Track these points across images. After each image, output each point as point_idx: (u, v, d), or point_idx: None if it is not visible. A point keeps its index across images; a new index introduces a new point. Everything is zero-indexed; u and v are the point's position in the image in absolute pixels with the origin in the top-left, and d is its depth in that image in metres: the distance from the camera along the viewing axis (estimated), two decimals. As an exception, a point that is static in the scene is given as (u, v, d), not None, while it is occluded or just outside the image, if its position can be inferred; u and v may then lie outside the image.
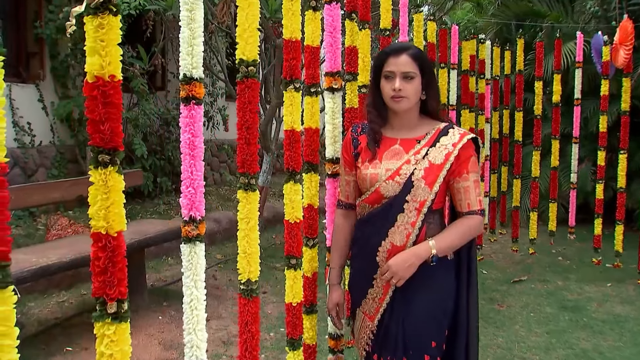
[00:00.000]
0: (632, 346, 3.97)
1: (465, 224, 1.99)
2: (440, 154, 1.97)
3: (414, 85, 1.98)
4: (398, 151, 2.02)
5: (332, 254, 2.25)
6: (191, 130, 1.48)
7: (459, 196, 2.00)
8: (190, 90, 1.48)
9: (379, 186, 1.99)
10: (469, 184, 1.99)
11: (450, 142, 1.99)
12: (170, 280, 5.29)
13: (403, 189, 1.96)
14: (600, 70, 5.32)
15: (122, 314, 1.31)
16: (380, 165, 2.01)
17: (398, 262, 1.92)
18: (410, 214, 1.96)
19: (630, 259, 5.53)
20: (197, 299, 1.54)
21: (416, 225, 1.96)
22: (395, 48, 2.04)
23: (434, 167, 1.96)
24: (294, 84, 2.16)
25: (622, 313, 4.61)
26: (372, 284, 2.04)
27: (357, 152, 2.10)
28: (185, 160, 1.49)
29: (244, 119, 1.77)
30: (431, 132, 2.03)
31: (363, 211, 2.09)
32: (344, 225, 2.20)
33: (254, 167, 1.80)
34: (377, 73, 2.05)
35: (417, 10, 3.91)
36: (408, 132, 2.05)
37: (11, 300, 1.01)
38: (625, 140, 5.11)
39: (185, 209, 1.51)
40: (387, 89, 1.99)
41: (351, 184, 2.15)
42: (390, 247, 1.98)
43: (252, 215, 1.80)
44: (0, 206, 0.98)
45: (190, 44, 1.46)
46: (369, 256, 2.03)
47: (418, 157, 1.98)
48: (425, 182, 1.95)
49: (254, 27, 1.77)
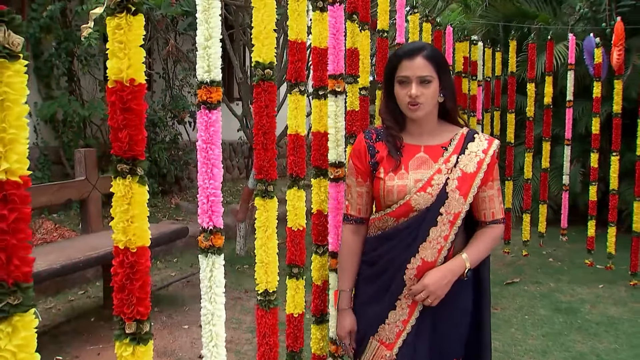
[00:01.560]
0: (629, 348, 3.97)
1: (491, 235, 1.90)
2: (471, 161, 1.85)
3: (432, 89, 1.83)
4: (425, 159, 1.87)
5: (342, 275, 2.03)
6: (208, 136, 1.41)
7: (483, 205, 1.90)
8: (206, 94, 1.41)
9: (410, 199, 1.82)
10: (494, 192, 1.90)
11: (479, 148, 1.87)
12: (160, 284, 5.19)
13: (436, 200, 1.81)
14: (592, 72, 5.34)
15: (142, 335, 1.23)
16: (407, 176, 1.85)
17: (436, 280, 1.79)
18: (444, 227, 1.82)
19: (621, 260, 5.56)
20: (214, 314, 1.47)
21: (449, 239, 1.83)
22: (408, 50, 1.87)
23: (467, 176, 1.83)
24: (298, 86, 2.10)
25: (616, 315, 4.62)
26: (394, 306, 1.87)
27: (375, 161, 1.92)
28: (201, 168, 1.42)
29: (260, 124, 1.71)
30: (455, 137, 1.90)
31: (385, 226, 1.90)
32: (354, 243, 2.00)
33: (272, 173, 1.74)
34: (390, 78, 1.90)
35: (413, 11, 3.86)
36: (430, 138, 1.91)
37: (32, 324, 0.93)
38: (617, 142, 5.13)
39: (201, 219, 1.44)
40: (402, 96, 1.84)
41: (364, 197, 1.97)
42: (421, 264, 1.83)
43: (270, 224, 1.75)
44: (22, 223, 0.90)
45: (206, 46, 1.39)
46: (393, 275, 1.87)
47: (449, 166, 1.84)
48: (460, 192, 1.81)
49: (270, 28, 1.71)
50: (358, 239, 2.00)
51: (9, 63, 0.84)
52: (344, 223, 2.03)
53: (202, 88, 1.39)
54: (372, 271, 1.94)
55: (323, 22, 2.27)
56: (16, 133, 0.87)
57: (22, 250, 0.90)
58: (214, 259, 1.47)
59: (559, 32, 6.74)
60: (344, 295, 2.00)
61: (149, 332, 1.23)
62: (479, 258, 1.86)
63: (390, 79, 1.90)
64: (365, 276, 1.97)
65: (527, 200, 5.67)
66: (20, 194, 0.87)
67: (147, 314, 1.26)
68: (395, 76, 1.86)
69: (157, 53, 8.40)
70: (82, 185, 4.34)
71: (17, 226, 0.87)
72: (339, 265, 2.06)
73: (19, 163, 0.87)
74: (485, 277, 2.00)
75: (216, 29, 1.38)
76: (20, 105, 0.86)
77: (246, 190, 6.17)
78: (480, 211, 1.90)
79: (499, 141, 1.98)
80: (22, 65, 0.86)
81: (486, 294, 2.00)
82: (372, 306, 1.92)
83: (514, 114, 5.78)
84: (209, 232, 1.42)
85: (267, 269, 1.77)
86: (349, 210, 2.01)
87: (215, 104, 1.40)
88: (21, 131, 0.88)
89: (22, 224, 0.89)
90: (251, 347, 3.84)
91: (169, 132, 8.51)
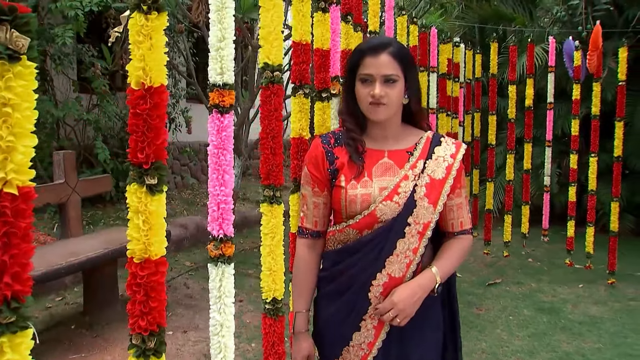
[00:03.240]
0: (612, 347, 4.02)
1: (460, 246, 1.75)
2: (439, 167, 1.70)
3: (397, 90, 1.66)
4: (389, 166, 1.70)
5: (296, 295, 1.81)
6: (219, 141, 1.36)
7: (451, 214, 1.74)
8: (218, 98, 1.35)
9: (375, 208, 1.65)
10: (462, 200, 1.75)
11: (447, 153, 1.73)
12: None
13: (404, 210, 1.65)
14: (572, 74, 5.41)
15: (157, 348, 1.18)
16: (371, 184, 1.68)
17: (405, 297, 1.61)
18: (412, 239, 1.65)
19: (597, 259, 5.65)
20: (222, 325, 1.42)
21: (418, 252, 1.66)
22: (373, 45, 1.67)
23: (436, 182, 1.68)
24: (303, 89, 2.06)
25: (597, 314, 4.68)
26: (359, 327, 1.69)
27: (334, 168, 1.72)
28: (212, 175, 1.37)
29: (269, 128, 1.66)
30: (421, 142, 1.75)
31: (346, 239, 1.71)
32: (310, 259, 1.79)
33: (280, 178, 1.70)
34: (352, 75, 1.72)
35: (401, 13, 3.85)
36: (394, 142, 1.75)
37: (27, 347, 0.85)
38: (595, 143, 5.21)
39: (211, 228, 1.39)
40: (364, 95, 1.66)
41: (321, 208, 1.77)
42: (388, 280, 1.65)
43: (277, 230, 1.71)
44: (23, 239, 0.84)
45: (218, 48, 1.34)
46: (357, 293, 1.68)
47: (416, 172, 1.68)
48: (429, 200, 1.66)
49: (279, 29, 1.67)
50: (314, 254, 1.80)
51: (10, 65, 0.78)
52: (299, 237, 1.83)
53: (215, 91, 1.33)
54: (332, 288, 1.75)
55: (325, 23, 2.23)
56: (14, 141, 0.81)
57: (16, 267, 0.84)
58: (224, 268, 1.42)
59: (535, 35, 6.82)
60: (300, 317, 1.78)
61: (163, 343, 1.19)
62: (449, 271, 1.72)
63: (352, 76, 1.72)
64: (325, 293, 1.78)
65: (509, 202, 5.72)
66: (14, 207, 0.81)
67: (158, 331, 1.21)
68: (358, 74, 1.69)
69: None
70: (61, 188, 4.20)
71: (10, 241, 0.81)
72: (293, 284, 1.84)
73: (17, 173, 0.81)
74: (454, 294, 1.86)
75: (230, 29, 1.33)
76: (24, 110, 0.80)
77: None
78: (448, 221, 1.75)
79: (467, 145, 1.85)
80: (27, 67, 0.80)
81: (457, 313, 1.86)
82: (335, 327, 1.74)
83: (495, 115, 5.82)
84: (219, 240, 1.37)
85: (275, 276, 1.73)
86: (303, 223, 1.80)
87: (228, 108, 1.35)
88: (21, 139, 0.82)
89: (14, 239, 0.83)
90: (238, 353, 3.77)
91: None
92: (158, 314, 1.17)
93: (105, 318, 4.14)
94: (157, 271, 1.16)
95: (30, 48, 0.76)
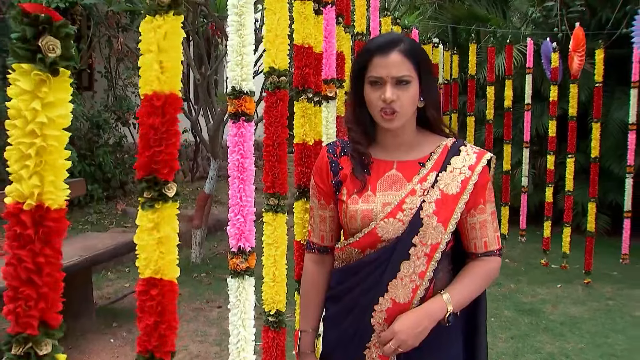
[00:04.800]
0: (594, 348, 4.05)
1: (483, 271, 1.55)
2: (454, 180, 1.50)
3: (410, 92, 1.47)
4: (397, 178, 1.53)
5: (303, 313, 1.69)
6: (240, 150, 1.27)
7: (473, 233, 1.54)
8: (239, 106, 1.27)
9: (376, 226, 1.48)
10: (486, 217, 1.54)
11: (465, 164, 1.52)
12: (114, 297, 4.91)
13: (408, 229, 1.47)
14: (549, 76, 5.45)
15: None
16: (374, 198, 1.51)
17: (407, 327, 1.44)
18: (419, 261, 1.47)
19: (572, 259, 5.71)
20: (245, 339, 1.34)
21: (425, 277, 1.48)
22: (381, 44, 1.49)
23: (448, 198, 1.48)
24: (306, 93, 1.99)
25: (577, 314, 4.72)
26: (362, 356, 1.53)
27: (338, 180, 1.58)
28: (236, 185, 1.28)
29: (275, 134, 1.58)
30: (437, 150, 1.55)
31: (349, 258, 1.56)
32: (318, 275, 1.66)
33: (285, 187, 1.62)
34: (359, 78, 1.54)
35: (385, 13, 3.81)
36: (406, 152, 1.56)
37: None
38: (572, 144, 5.26)
39: (233, 239, 1.31)
40: (375, 100, 1.48)
41: (327, 222, 1.63)
42: (392, 305, 1.47)
43: (281, 240, 1.62)
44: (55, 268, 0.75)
45: (240, 52, 1.25)
46: (358, 318, 1.52)
47: (426, 186, 1.49)
48: (438, 218, 1.46)
49: (285, 33, 1.58)
50: (322, 270, 1.66)
51: (48, 76, 0.69)
52: (306, 251, 1.71)
53: (238, 98, 1.24)
54: (336, 310, 1.60)
55: (319, 25, 2.16)
56: (50, 158, 0.73)
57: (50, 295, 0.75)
58: (246, 281, 1.34)
59: (506, 35, 6.87)
60: (305, 336, 1.66)
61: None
62: (465, 300, 1.51)
63: (360, 79, 1.54)
64: (330, 314, 1.63)
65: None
66: (47, 229, 0.72)
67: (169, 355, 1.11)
68: (366, 76, 1.51)
69: (98, 52, 8.00)
70: None
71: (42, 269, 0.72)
72: (300, 301, 1.72)
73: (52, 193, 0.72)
74: (481, 324, 1.63)
75: (251, 35, 1.24)
76: (59, 128, 0.71)
77: (202, 195, 5.96)
78: (470, 240, 1.55)
79: (493, 154, 1.60)
80: (64, 79, 0.70)
81: (482, 349, 1.63)
82: (340, 352, 1.58)
83: (473, 116, 5.83)
84: (247, 253, 1.28)
85: (278, 288, 1.65)
86: (310, 237, 1.68)
87: (251, 116, 1.26)
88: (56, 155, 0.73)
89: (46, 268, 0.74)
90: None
91: (113, 135, 8.14)
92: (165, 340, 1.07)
93: (80, 329, 3.99)
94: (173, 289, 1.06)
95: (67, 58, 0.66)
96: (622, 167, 6.17)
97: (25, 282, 0.72)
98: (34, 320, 0.74)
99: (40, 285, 0.74)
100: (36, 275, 0.73)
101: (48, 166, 0.73)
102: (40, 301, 0.74)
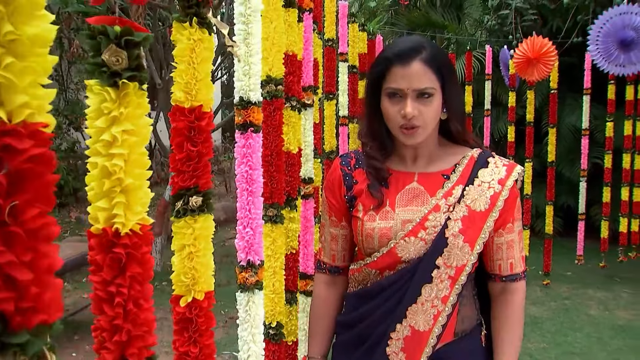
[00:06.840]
0: (556, 346, 4.18)
1: (514, 309, 1.45)
2: (482, 195, 1.36)
3: (433, 105, 1.32)
4: (418, 192, 1.39)
5: (311, 338, 1.56)
6: (249, 162, 1.26)
7: (499, 254, 1.40)
8: (247, 116, 1.25)
9: (395, 245, 1.35)
10: (514, 236, 1.40)
11: (494, 177, 1.38)
12: (72, 309, 4.76)
13: (432, 249, 1.33)
14: (507, 82, 5.61)
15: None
16: (393, 215, 1.37)
17: None
18: (442, 284, 1.33)
19: (530, 261, 5.87)
20: (255, 354, 1.32)
21: (449, 302, 1.34)
22: (401, 51, 1.34)
23: (476, 215, 1.34)
24: (290, 101, 1.99)
25: (537, 314, 4.86)
26: None
27: (352, 195, 1.44)
28: (242, 196, 1.27)
29: (273, 144, 1.57)
30: (462, 162, 1.40)
31: (366, 280, 1.43)
32: (328, 298, 1.53)
33: (282, 197, 1.62)
34: (375, 89, 1.39)
35: (353, 20, 3.85)
36: (428, 163, 1.42)
37: None
38: (529, 149, 5.42)
39: (242, 253, 1.29)
40: (393, 114, 1.34)
41: (339, 241, 1.50)
42: (410, 334, 1.34)
43: (280, 251, 1.62)
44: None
45: (247, 62, 1.24)
46: (373, 347, 1.38)
47: (451, 201, 1.36)
48: (465, 238, 1.33)
49: (282, 41, 1.59)
50: (333, 293, 1.53)
51: (129, 90, 0.67)
52: (316, 272, 1.58)
53: (246, 108, 1.23)
54: (349, 337, 1.46)
55: (299, 32, 2.18)
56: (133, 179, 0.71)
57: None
58: (255, 295, 1.32)
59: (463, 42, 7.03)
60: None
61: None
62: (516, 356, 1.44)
63: (376, 90, 1.39)
64: (341, 341, 1.50)
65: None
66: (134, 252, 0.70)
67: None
68: (383, 87, 1.36)
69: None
70: None
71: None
72: (309, 325, 1.58)
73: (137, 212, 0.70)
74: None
75: (259, 43, 1.23)
76: (140, 145, 0.69)
77: (162, 202, 5.86)
78: (495, 262, 1.41)
79: (522, 168, 1.46)
80: (141, 93, 0.68)
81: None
82: None
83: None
84: (257, 267, 1.27)
85: (277, 299, 1.64)
86: (321, 256, 1.55)
87: (259, 127, 1.25)
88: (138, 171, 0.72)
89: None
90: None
91: (65, 140, 7.91)
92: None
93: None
94: (210, 303, 1.04)
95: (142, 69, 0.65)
96: (573, 171, 6.41)
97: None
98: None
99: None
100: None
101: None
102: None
